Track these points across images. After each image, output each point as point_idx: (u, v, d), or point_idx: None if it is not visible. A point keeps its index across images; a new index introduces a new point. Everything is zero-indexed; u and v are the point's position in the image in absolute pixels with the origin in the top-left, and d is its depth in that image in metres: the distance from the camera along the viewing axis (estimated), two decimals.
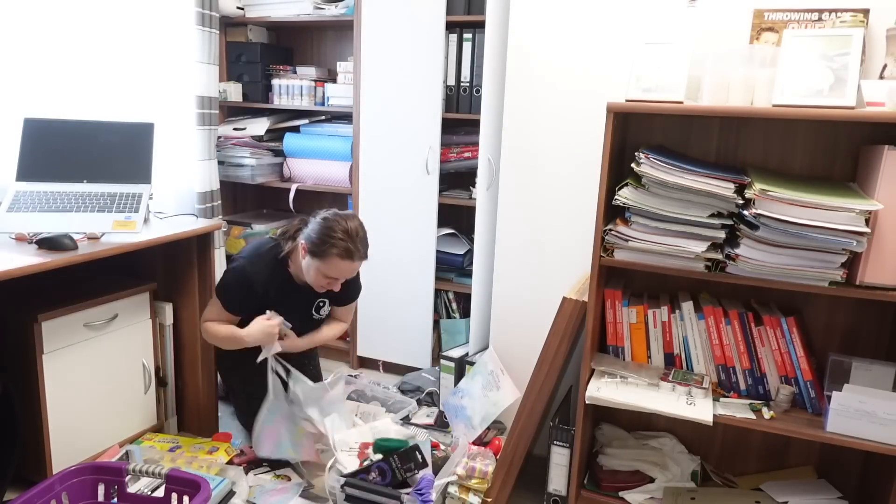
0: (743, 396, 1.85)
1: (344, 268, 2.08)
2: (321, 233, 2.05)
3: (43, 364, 1.92)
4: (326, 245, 2.03)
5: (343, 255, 2.04)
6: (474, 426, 2.29)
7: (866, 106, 1.61)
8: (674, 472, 2.01)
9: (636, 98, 1.69)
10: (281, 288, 2.21)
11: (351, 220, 2.09)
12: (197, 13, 2.74)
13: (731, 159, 1.90)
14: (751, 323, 1.82)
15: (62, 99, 2.42)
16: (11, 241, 1.94)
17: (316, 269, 2.08)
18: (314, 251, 2.06)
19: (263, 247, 2.23)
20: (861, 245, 1.51)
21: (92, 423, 2.11)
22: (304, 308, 2.30)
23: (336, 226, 2.05)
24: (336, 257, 2.04)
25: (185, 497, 1.71)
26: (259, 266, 2.17)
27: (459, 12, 2.71)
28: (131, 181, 2.25)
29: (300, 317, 2.28)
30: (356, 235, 2.07)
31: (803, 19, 1.81)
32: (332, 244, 2.03)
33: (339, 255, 2.04)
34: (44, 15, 2.32)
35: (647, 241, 1.71)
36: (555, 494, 1.99)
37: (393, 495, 1.84)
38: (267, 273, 2.17)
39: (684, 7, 1.93)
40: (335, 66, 3.10)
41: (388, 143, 2.82)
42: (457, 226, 3.03)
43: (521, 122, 2.20)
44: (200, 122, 2.85)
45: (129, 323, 2.19)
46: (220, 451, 2.23)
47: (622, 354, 1.95)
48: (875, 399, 1.60)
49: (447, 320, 2.93)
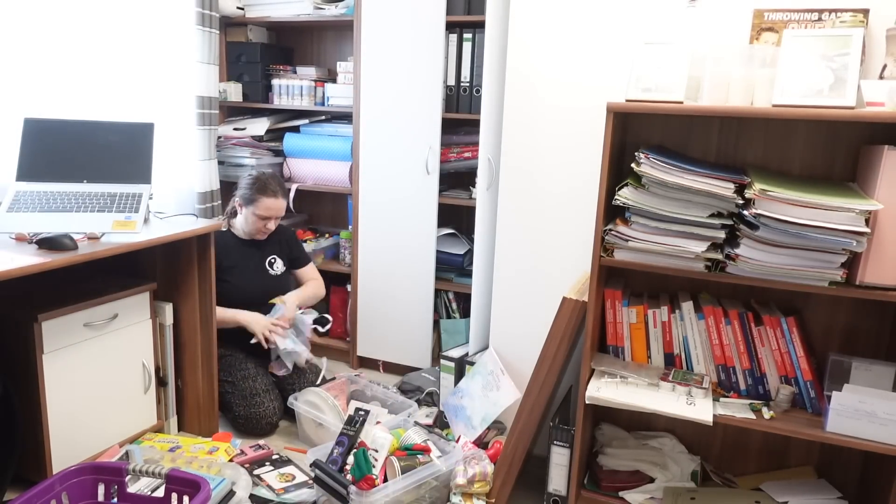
0: (743, 396, 1.85)
1: (271, 204, 2.56)
2: (247, 185, 2.58)
3: (43, 364, 1.92)
4: (252, 191, 2.56)
5: (270, 195, 2.55)
6: (474, 426, 2.29)
7: (866, 106, 1.61)
8: (674, 472, 2.01)
9: (636, 98, 1.69)
10: (231, 248, 2.63)
11: (270, 173, 2.68)
12: (197, 13, 2.74)
13: (731, 159, 1.90)
14: (751, 323, 1.82)
15: (62, 99, 2.42)
16: (11, 241, 1.94)
17: (250, 214, 2.57)
18: (247, 200, 2.57)
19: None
20: (861, 245, 1.51)
21: (92, 423, 2.11)
22: (259, 265, 2.70)
23: (260, 176, 2.60)
24: (265, 197, 2.55)
25: (185, 497, 1.71)
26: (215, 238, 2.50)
27: (459, 12, 2.71)
28: (131, 181, 2.25)
29: (259, 274, 2.69)
30: (274, 178, 2.62)
31: (803, 19, 1.81)
32: (260, 189, 2.55)
33: (263, 193, 2.55)
34: (44, 15, 2.32)
35: (647, 241, 1.71)
36: (555, 494, 2.00)
37: (342, 483, 1.88)
38: (221, 242, 2.56)
39: (684, 7, 1.93)
40: (335, 66, 3.10)
41: (388, 143, 2.82)
42: (457, 226, 3.03)
43: (521, 122, 2.20)
44: (200, 122, 2.85)
45: (129, 323, 2.20)
46: (220, 451, 2.23)
47: (622, 354, 1.95)
48: (875, 399, 1.60)
49: (447, 320, 2.93)
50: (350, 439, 2.03)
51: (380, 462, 1.98)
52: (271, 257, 2.73)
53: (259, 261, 2.69)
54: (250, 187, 2.57)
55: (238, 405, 2.47)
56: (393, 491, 1.88)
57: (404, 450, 2.04)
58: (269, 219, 2.60)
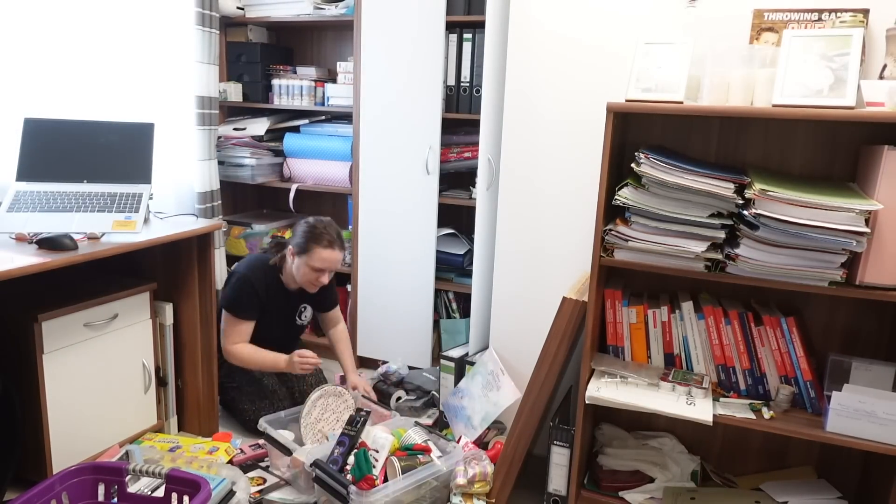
0: (743, 396, 1.85)
1: (328, 256, 2.37)
2: (304, 234, 2.39)
3: (43, 364, 1.92)
4: (309, 241, 2.36)
5: (324, 245, 2.35)
6: (474, 426, 2.29)
7: (866, 106, 1.61)
8: (674, 472, 2.01)
9: (636, 98, 1.69)
10: (273, 291, 2.48)
11: (327, 221, 2.43)
12: (197, 13, 2.74)
13: (731, 159, 1.90)
14: (751, 323, 1.82)
15: (62, 99, 2.42)
16: (11, 241, 1.94)
17: (304, 264, 2.38)
18: (300, 250, 2.38)
19: (257, 258, 2.54)
20: (861, 245, 1.51)
21: (92, 423, 2.11)
22: (289, 314, 2.57)
23: (317, 224, 2.40)
24: (319, 248, 2.35)
25: (185, 497, 1.71)
26: (256, 271, 2.46)
27: (459, 12, 2.71)
28: (131, 181, 2.25)
29: (285, 322, 2.57)
30: (332, 227, 2.41)
31: (803, 19, 1.81)
32: (314, 239, 2.36)
33: (322, 246, 2.35)
34: (44, 15, 2.32)
35: (647, 241, 1.71)
36: (555, 494, 1.99)
37: (342, 483, 1.88)
38: (262, 276, 2.45)
39: (684, 7, 1.93)
40: (335, 66, 3.10)
41: (388, 143, 2.82)
42: (457, 226, 3.03)
43: (521, 122, 2.20)
44: (200, 122, 2.85)
45: (129, 323, 2.19)
46: (220, 451, 2.23)
47: (622, 354, 1.95)
48: (875, 399, 1.60)
49: (447, 320, 2.93)
50: (351, 439, 2.03)
51: (380, 462, 1.98)
52: (302, 305, 2.60)
53: (290, 310, 2.57)
54: (304, 235, 2.38)
55: (247, 410, 2.47)
56: (393, 491, 1.88)
57: (404, 450, 2.04)
58: (324, 271, 2.41)
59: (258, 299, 2.43)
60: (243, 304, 2.41)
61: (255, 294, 2.42)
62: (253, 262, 2.49)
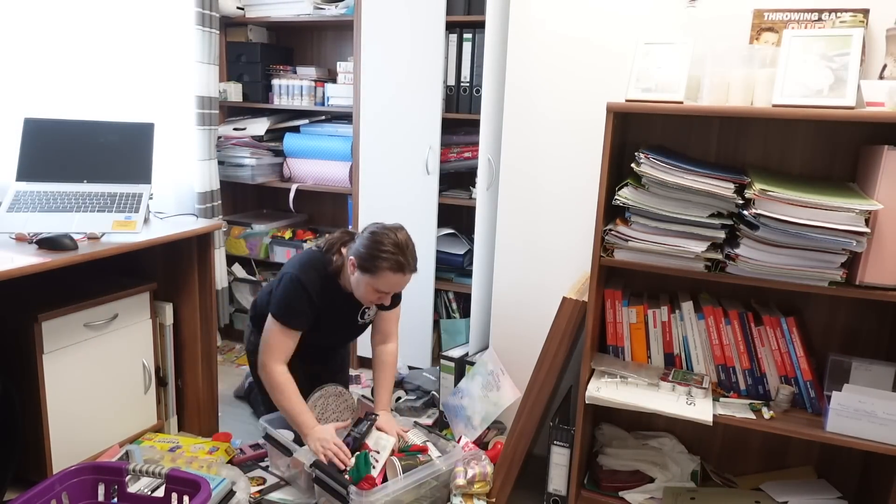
0: (743, 396, 1.85)
1: (395, 281, 2.00)
2: (370, 247, 1.98)
3: (43, 364, 1.92)
4: (377, 259, 1.96)
5: (394, 269, 1.97)
6: (474, 426, 2.29)
7: (866, 106, 1.61)
8: (674, 472, 2.01)
9: (636, 98, 1.69)
10: (330, 295, 2.14)
11: (399, 232, 2.02)
12: (197, 13, 2.74)
13: (731, 159, 1.90)
14: (751, 323, 1.82)
15: (62, 99, 2.42)
16: (11, 241, 1.94)
17: (367, 283, 2.01)
18: (364, 266, 1.99)
19: (311, 260, 2.15)
20: (861, 245, 1.51)
21: (92, 423, 2.11)
22: (350, 314, 2.24)
23: (385, 239, 1.98)
24: (387, 271, 1.97)
25: (185, 497, 1.71)
26: (310, 273, 2.10)
27: (459, 12, 2.71)
28: (131, 181, 2.25)
29: (346, 324, 2.26)
30: (406, 247, 2.00)
31: (803, 19, 1.81)
32: (382, 258, 1.96)
33: (390, 268, 1.96)
34: (44, 15, 2.32)
35: (647, 241, 1.71)
36: (555, 494, 1.99)
37: (342, 483, 1.88)
38: (318, 279, 2.10)
39: (684, 7, 1.93)
40: (335, 66, 3.10)
41: (388, 143, 2.82)
42: (457, 226, 3.03)
43: (521, 122, 2.19)
44: (200, 122, 2.85)
45: (129, 323, 2.19)
46: (220, 451, 2.23)
47: (622, 354, 1.95)
48: (875, 399, 1.60)
49: (447, 320, 2.93)
50: (356, 441, 2.02)
51: (380, 463, 1.98)
52: (366, 306, 2.24)
53: (351, 310, 2.22)
54: (370, 249, 1.98)
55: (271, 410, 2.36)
56: (393, 491, 1.88)
57: (402, 451, 2.04)
58: (388, 294, 2.08)
59: (312, 307, 2.09)
60: (296, 311, 2.07)
61: (310, 300, 2.08)
62: (307, 263, 2.13)
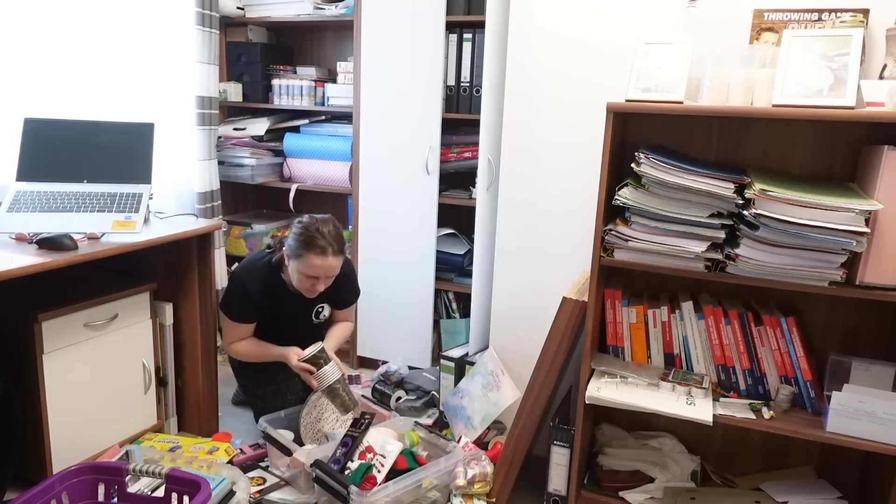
0: (743, 396, 1.85)
1: (320, 264, 2.13)
2: (297, 236, 2.15)
3: (43, 364, 1.92)
4: (301, 246, 2.13)
5: (318, 252, 2.12)
6: (474, 426, 2.29)
7: (866, 106, 1.61)
8: (674, 472, 2.01)
9: (636, 98, 1.69)
10: (276, 295, 2.31)
11: (323, 221, 2.18)
12: (197, 13, 2.74)
13: (731, 159, 1.90)
14: (751, 323, 1.82)
15: (62, 99, 2.42)
16: (11, 241, 1.94)
17: (298, 271, 2.17)
18: (293, 254, 2.16)
19: (258, 256, 2.36)
20: (861, 245, 1.51)
21: (92, 423, 2.11)
22: (304, 314, 2.39)
23: (310, 226, 2.14)
24: (312, 255, 2.12)
25: (185, 497, 1.71)
26: (252, 274, 2.29)
27: (459, 12, 2.71)
28: (131, 181, 2.26)
29: (301, 322, 2.40)
30: (328, 233, 2.14)
31: (803, 19, 1.81)
32: (305, 244, 2.12)
33: (315, 253, 2.12)
34: (44, 15, 2.32)
35: (647, 241, 1.71)
36: (555, 494, 1.99)
37: (343, 483, 1.88)
38: (260, 280, 2.28)
39: (684, 7, 1.93)
40: (335, 66, 3.10)
41: (388, 143, 2.82)
42: (457, 226, 3.03)
43: (521, 122, 2.20)
44: (200, 122, 2.85)
45: (129, 323, 2.19)
46: (220, 451, 2.23)
47: (622, 354, 1.95)
48: (875, 399, 1.60)
49: (447, 320, 2.93)
50: (354, 441, 2.02)
51: (385, 468, 1.98)
52: (319, 305, 2.41)
53: (306, 310, 2.38)
54: (297, 238, 2.15)
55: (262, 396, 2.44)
56: (393, 491, 1.88)
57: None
58: (318, 279, 2.19)
59: (252, 302, 2.28)
60: (235, 306, 2.30)
61: (247, 296, 2.27)
62: (249, 263, 2.35)
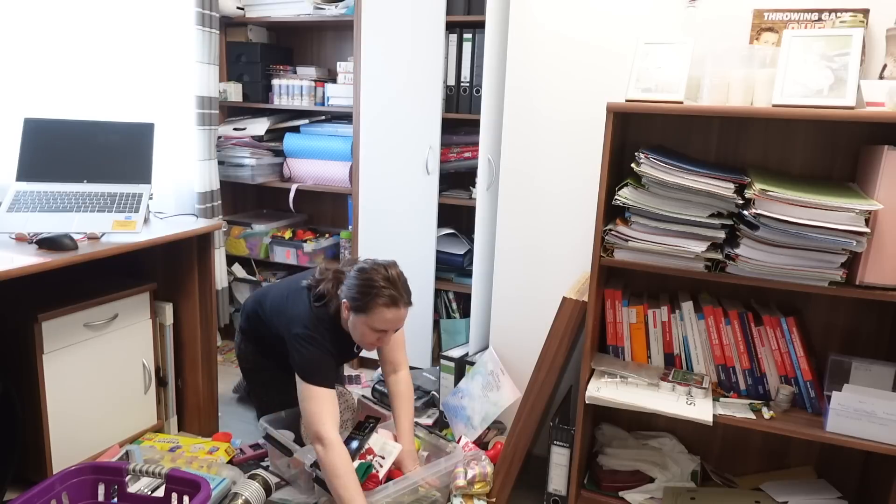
0: (743, 396, 1.85)
1: (391, 317, 1.92)
2: (361, 286, 1.91)
3: (43, 364, 1.92)
4: (369, 297, 1.90)
5: (388, 304, 1.90)
6: (474, 426, 2.29)
7: (866, 106, 1.61)
8: (674, 472, 2.01)
9: (636, 98, 1.69)
10: (340, 343, 2.06)
11: (390, 267, 1.96)
12: (197, 13, 2.74)
13: (731, 159, 1.90)
14: (751, 323, 1.82)
15: (62, 99, 2.42)
16: (11, 241, 1.94)
17: (363, 324, 1.94)
18: (358, 307, 1.92)
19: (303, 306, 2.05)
20: (861, 245, 1.51)
21: (92, 423, 2.11)
22: (349, 348, 2.16)
23: (375, 275, 1.91)
24: (382, 307, 1.90)
25: (185, 497, 1.71)
26: (323, 331, 2.01)
27: (459, 12, 2.71)
28: (131, 181, 2.26)
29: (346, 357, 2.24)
30: (398, 281, 1.94)
31: (803, 19, 1.81)
32: (374, 294, 1.89)
33: (384, 304, 1.90)
34: (44, 15, 2.32)
35: (647, 241, 1.71)
36: (555, 494, 1.99)
37: None
38: (329, 335, 2.02)
39: (684, 7, 1.93)
40: (335, 66, 3.10)
41: (388, 143, 2.82)
42: (457, 226, 3.03)
43: (521, 122, 2.20)
44: (200, 122, 2.85)
45: (129, 323, 2.19)
46: (220, 451, 2.23)
47: (622, 354, 1.95)
48: (875, 399, 1.60)
49: (447, 320, 2.93)
50: (359, 442, 2.02)
51: (384, 469, 1.98)
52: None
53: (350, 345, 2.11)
54: (360, 290, 1.91)
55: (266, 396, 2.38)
56: (394, 491, 1.88)
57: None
58: (386, 332, 1.98)
59: (333, 361, 2.04)
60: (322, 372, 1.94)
61: (330, 357, 2.00)
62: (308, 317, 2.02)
